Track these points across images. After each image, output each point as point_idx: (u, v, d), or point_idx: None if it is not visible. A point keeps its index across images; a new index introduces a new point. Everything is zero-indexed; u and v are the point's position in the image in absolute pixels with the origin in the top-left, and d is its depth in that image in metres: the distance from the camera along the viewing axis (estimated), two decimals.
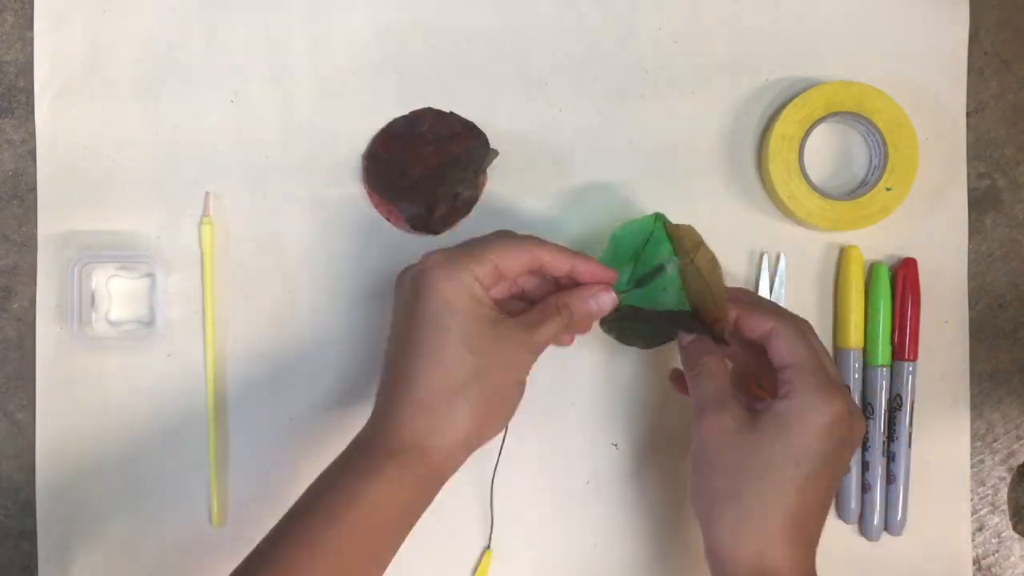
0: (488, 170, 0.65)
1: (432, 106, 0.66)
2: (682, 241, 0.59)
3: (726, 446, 0.54)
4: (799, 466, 0.53)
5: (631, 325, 0.61)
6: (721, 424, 0.55)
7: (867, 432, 0.66)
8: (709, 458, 0.55)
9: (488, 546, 0.66)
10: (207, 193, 0.65)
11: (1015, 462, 0.68)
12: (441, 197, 0.64)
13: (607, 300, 0.57)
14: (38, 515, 0.65)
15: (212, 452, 0.65)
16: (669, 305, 0.59)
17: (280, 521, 0.53)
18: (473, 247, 0.56)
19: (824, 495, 0.54)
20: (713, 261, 0.58)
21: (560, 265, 0.57)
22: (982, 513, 0.67)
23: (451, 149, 0.65)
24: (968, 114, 0.68)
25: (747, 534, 0.53)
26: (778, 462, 0.53)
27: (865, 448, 0.66)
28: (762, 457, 0.53)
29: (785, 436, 0.53)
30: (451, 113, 0.65)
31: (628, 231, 0.61)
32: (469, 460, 0.56)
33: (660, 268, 0.59)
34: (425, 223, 0.64)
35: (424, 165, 0.64)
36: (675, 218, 0.65)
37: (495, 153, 0.65)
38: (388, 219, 0.65)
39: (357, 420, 0.66)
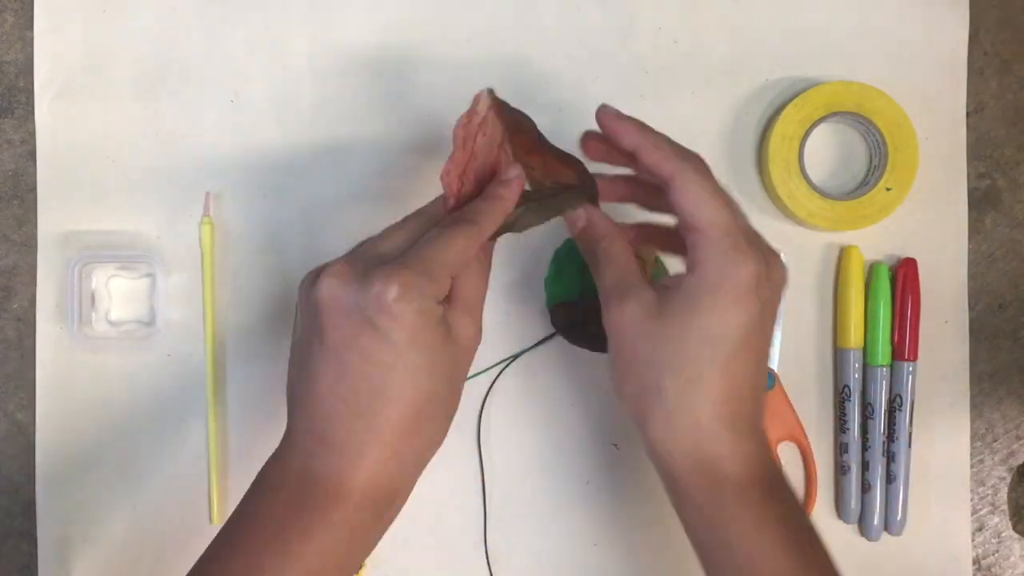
0: None
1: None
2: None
3: (636, 338, 0.50)
4: (716, 347, 0.48)
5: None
6: (628, 314, 0.50)
7: (867, 432, 0.66)
8: (623, 353, 0.50)
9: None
10: (207, 193, 0.65)
11: (1015, 462, 0.68)
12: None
13: (512, 171, 0.53)
14: (38, 515, 0.65)
15: (212, 452, 0.65)
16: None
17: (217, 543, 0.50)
18: (421, 257, 0.48)
19: (754, 369, 0.50)
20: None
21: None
22: (982, 513, 0.67)
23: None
24: (968, 114, 0.68)
25: (678, 429, 0.49)
26: (693, 347, 0.48)
27: (865, 448, 0.66)
28: (674, 343, 0.49)
29: (696, 317, 0.48)
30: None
31: (568, 248, 0.61)
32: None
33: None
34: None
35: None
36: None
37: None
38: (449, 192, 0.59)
39: None
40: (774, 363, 0.66)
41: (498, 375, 0.65)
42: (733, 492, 0.49)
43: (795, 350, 0.67)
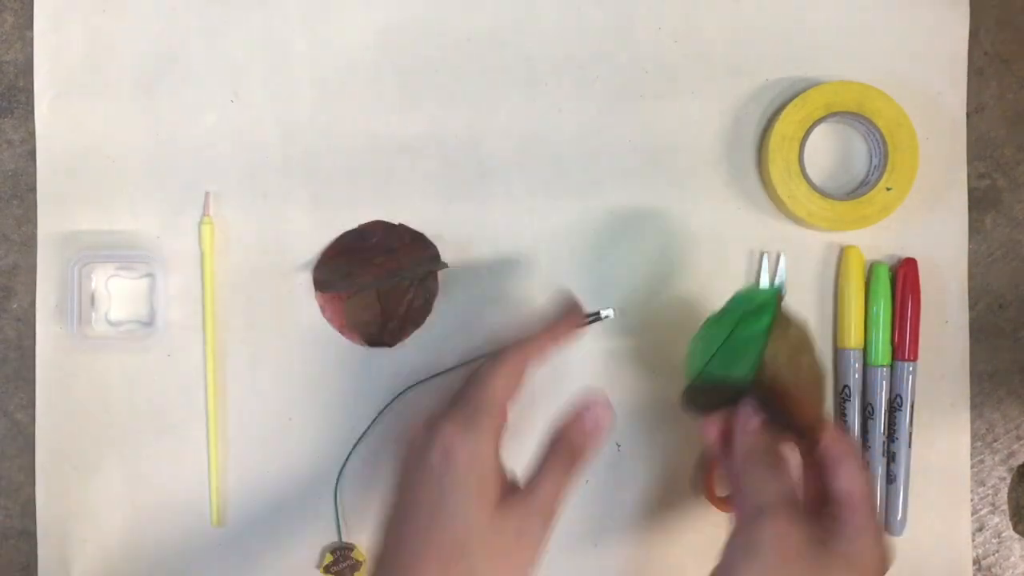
0: (440, 278, 0.65)
1: (381, 217, 0.65)
2: (786, 331, 0.54)
3: (794, 561, 0.49)
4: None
5: (702, 395, 0.57)
6: (790, 534, 0.49)
7: (867, 432, 0.66)
8: (770, 570, 0.49)
9: None
10: (207, 193, 0.65)
11: (1015, 462, 0.68)
12: (391, 307, 0.64)
13: (606, 417, 0.54)
14: (38, 515, 0.65)
15: (212, 452, 0.65)
16: (741, 373, 0.54)
17: None
18: (480, 397, 0.52)
19: None
20: (818, 371, 0.55)
21: (549, 353, 0.55)
22: (982, 513, 0.67)
23: (401, 260, 0.64)
24: (968, 114, 0.68)
25: None
26: None
27: (865, 448, 0.66)
28: None
29: (849, 572, 0.49)
30: (401, 225, 0.65)
31: (745, 297, 0.57)
32: None
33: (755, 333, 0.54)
34: (378, 336, 0.64)
35: (375, 276, 0.64)
36: (675, 218, 0.65)
37: (444, 265, 0.64)
38: (341, 333, 0.65)
39: (358, 422, 0.66)
40: None
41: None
42: None
43: None
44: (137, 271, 0.65)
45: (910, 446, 0.66)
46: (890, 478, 0.66)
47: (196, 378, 0.65)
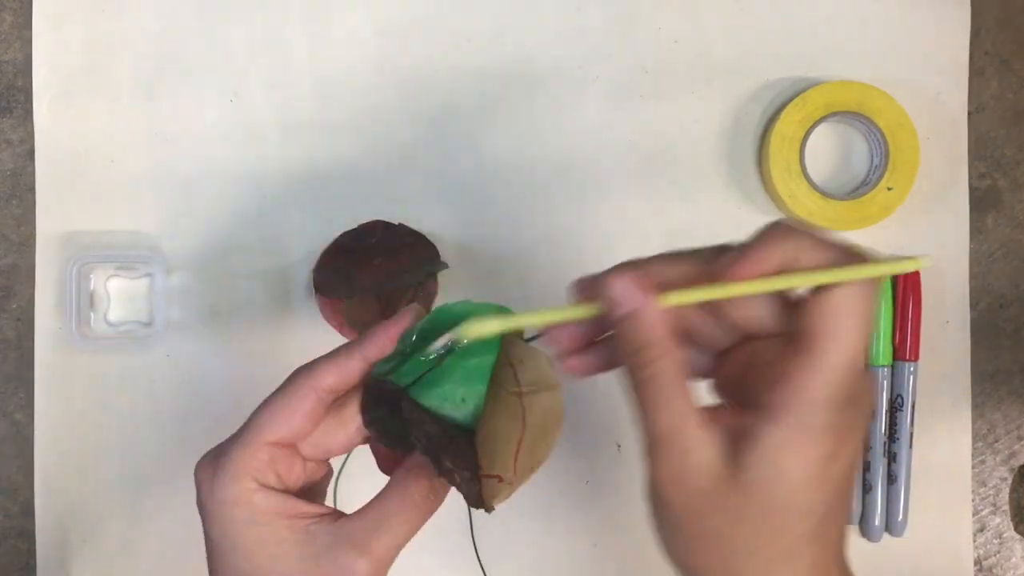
0: (440, 278, 0.63)
1: (381, 217, 0.64)
2: (522, 364, 0.43)
3: (701, 510, 0.39)
4: (807, 519, 0.39)
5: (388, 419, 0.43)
6: (688, 476, 0.38)
7: (868, 432, 0.66)
8: (679, 524, 0.40)
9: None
10: None
11: (1016, 462, 0.67)
12: (392, 308, 0.62)
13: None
14: (37, 515, 0.65)
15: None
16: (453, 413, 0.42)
17: None
18: (244, 428, 0.43)
19: (843, 521, 0.42)
20: (555, 417, 0.43)
21: (351, 372, 0.44)
22: (983, 514, 0.67)
23: (400, 261, 0.62)
24: (969, 114, 0.67)
25: None
26: (778, 525, 0.38)
27: (867, 449, 0.66)
28: (754, 523, 0.38)
29: (781, 486, 0.38)
30: (400, 225, 0.63)
31: (447, 313, 0.43)
32: None
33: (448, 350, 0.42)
34: None
35: (374, 277, 0.61)
36: (675, 217, 0.65)
37: (444, 265, 0.62)
38: (340, 332, 0.63)
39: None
40: None
41: None
42: None
43: None
44: (136, 271, 0.65)
45: (911, 446, 0.66)
46: (891, 479, 0.66)
47: (195, 378, 0.65)
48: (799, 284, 0.38)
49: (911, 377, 0.66)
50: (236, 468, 0.42)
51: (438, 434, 0.41)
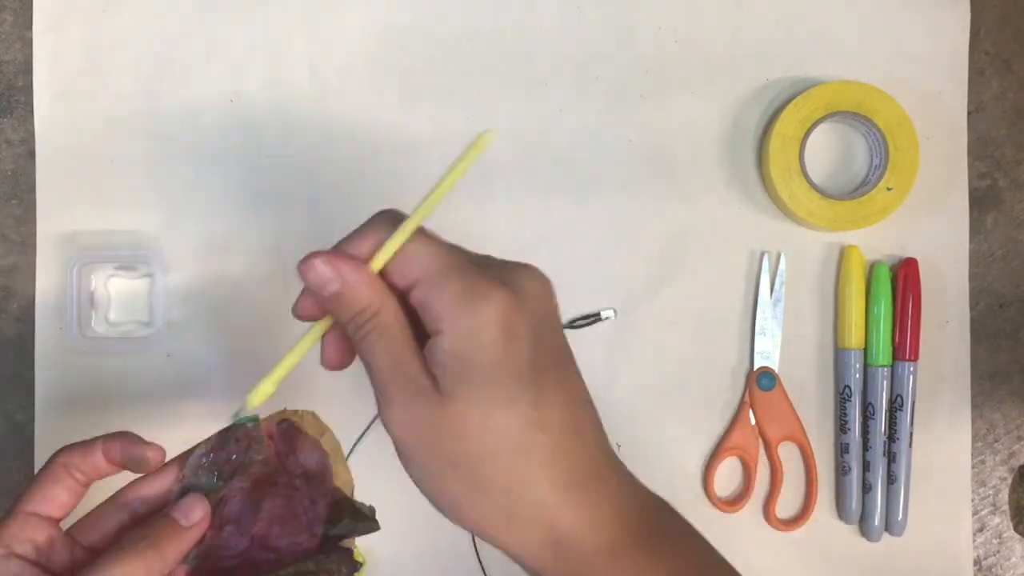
0: None
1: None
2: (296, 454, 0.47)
3: (432, 443, 0.39)
4: (506, 428, 0.39)
5: None
6: (414, 419, 0.39)
7: (868, 433, 0.66)
8: (421, 463, 0.40)
9: None
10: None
11: (1016, 462, 0.67)
12: None
13: (196, 512, 0.44)
14: None
15: None
16: None
17: None
18: (17, 506, 0.45)
19: (561, 408, 0.41)
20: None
21: (97, 464, 0.46)
22: (983, 514, 0.67)
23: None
24: (969, 114, 0.67)
25: (520, 523, 0.40)
26: (491, 433, 0.39)
27: (866, 449, 0.66)
28: (476, 436, 0.39)
29: (468, 395, 0.38)
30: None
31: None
32: None
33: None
34: None
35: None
36: (675, 217, 0.65)
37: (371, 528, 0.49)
38: None
39: (357, 421, 0.66)
40: (774, 363, 0.66)
41: None
42: (603, 566, 0.40)
43: (796, 350, 0.66)
44: (136, 271, 0.65)
45: (911, 446, 0.66)
46: (891, 479, 0.66)
47: (195, 378, 0.65)
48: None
49: (911, 377, 0.66)
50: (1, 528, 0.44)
51: None
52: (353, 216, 0.66)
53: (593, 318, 0.64)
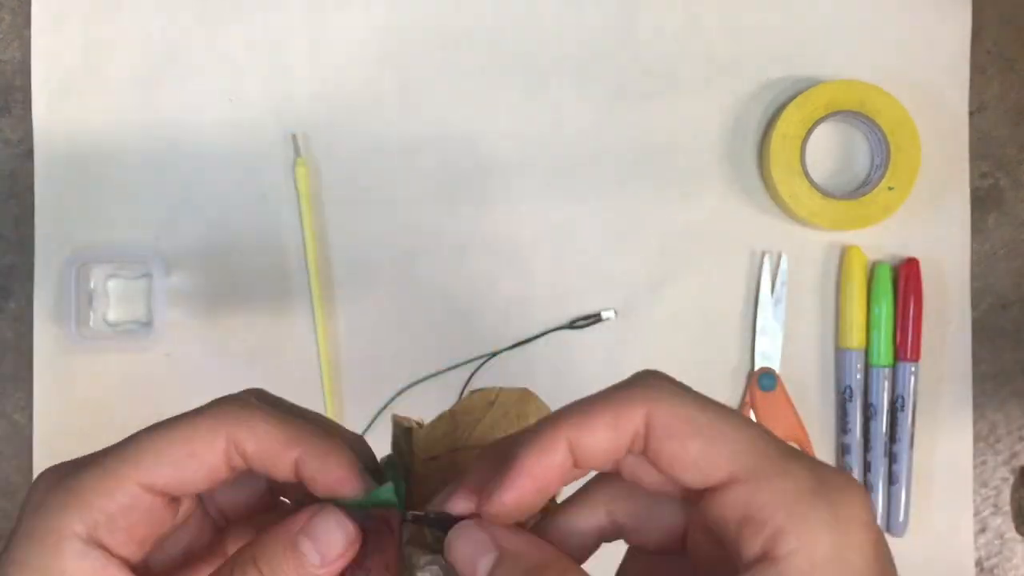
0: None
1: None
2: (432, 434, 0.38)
3: None
4: None
5: None
6: None
7: (869, 433, 0.65)
8: None
9: None
10: (293, 135, 0.64)
11: (1018, 463, 0.67)
12: None
13: (336, 535, 0.32)
14: None
15: None
16: None
17: None
18: (108, 455, 0.33)
19: None
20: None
21: (276, 459, 0.33)
22: (985, 515, 0.67)
23: None
24: (970, 113, 0.67)
25: None
26: None
27: (867, 449, 0.65)
28: None
29: None
30: None
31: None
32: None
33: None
34: None
35: None
36: (675, 217, 0.65)
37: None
38: None
39: (357, 421, 0.66)
40: (775, 363, 0.66)
41: (475, 370, 0.65)
42: None
43: (796, 350, 0.66)
44: (135, 271, 0.65)
45: (912, 447, 0.65)
46: (892, 479, 0.65)
47: (195, 378, 0.65)
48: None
49: (912, 378, 0.65)
50: (77, 502, 0.32)
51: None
52: (353, 216, 0.66)
53: (593, 318, 0.63)
